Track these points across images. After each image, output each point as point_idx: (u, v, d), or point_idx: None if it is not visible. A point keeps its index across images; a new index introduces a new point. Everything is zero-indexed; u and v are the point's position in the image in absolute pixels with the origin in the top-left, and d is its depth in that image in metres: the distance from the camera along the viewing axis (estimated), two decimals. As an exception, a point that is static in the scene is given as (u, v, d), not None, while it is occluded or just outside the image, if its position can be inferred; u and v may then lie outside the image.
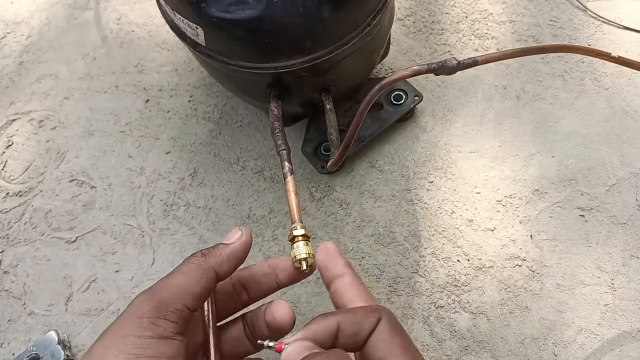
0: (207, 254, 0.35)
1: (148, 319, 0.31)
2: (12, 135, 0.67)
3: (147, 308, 0.31)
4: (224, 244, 0.36)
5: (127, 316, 0.31)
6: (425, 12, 0.68)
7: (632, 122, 0.59)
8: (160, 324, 0.31)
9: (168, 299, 0.32)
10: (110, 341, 0.30)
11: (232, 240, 0.37)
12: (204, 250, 0.36)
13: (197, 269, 0.34)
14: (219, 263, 0.35)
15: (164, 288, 0.33)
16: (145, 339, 0.30)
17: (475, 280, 0.53)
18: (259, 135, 0.63)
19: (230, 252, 0.36)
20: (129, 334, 0.30)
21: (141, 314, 0.31)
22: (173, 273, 0.34)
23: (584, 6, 0.66)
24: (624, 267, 0.52)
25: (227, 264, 0.36)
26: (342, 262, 0.36)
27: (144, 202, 0.61)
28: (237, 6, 0.41)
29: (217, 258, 0.35)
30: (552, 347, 0.50)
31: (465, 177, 0.58)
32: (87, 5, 0.76)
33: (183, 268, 0.34)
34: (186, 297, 0.33)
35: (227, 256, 0.36)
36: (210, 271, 0.35)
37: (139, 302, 0.32)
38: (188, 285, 0.33)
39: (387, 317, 0.32)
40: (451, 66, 0.37)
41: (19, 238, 0.61)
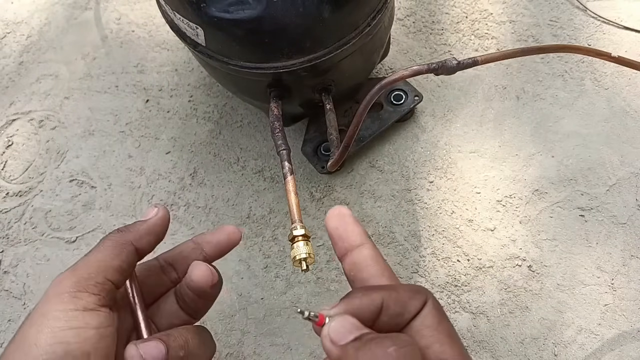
0: (124, 230, 0.35)
1: (69, 293, 0.31)
2: (12, 135, 0.67)
3: (68, 284, 0.31)
4: (142, 221, 0.37)
5: (47, 296, 0.31)
6: (425, 12, 0.68)
7: (632, 122, 0.59)
8: (82, 297, 0.31)
9: (88, 274, 0.32)
10: (32, 320, 0.30)
11: (150, 216, 0.37)
12: (120, 227, 0.36)
13: (115, 244, 0.34)
14: (137, 237, 0.35)
15: (82, 265, 0.32)
16: (68, 311, 0.30)
17: (475, 280, 0.53)
18: (259, 135, 0.63)
19: (147, 226, 0.36)
20: (50, 310, 0.30)
21: (61, 290, 0.31)
22: (91, 251, 0.34)
23: (584, 6, 0.66)
24: (624, 267, 0.52)
25: (146, 238, 0.36)
26: (360, 230, 0.31)
27: (144, 202, 0.61)
28: (237, 6, 0.41)
29: (135, 233, 0.35)
30: (552, 347, 0.50)
31: (465, 177, 0.58)
32: (87, 5, 0.76)
33: (100, 245, 0.34)
34: (107, 270, 0.33)
35: (146, 230, 0.36)
36: (129, 245, 0.35)
37: (58, 281, 0.32)
38: (107, 260, 0.33)
39: (433, 300, 0.28)
40: (451, 66, 0.36)
41: (19, 238, 0.61)
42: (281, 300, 0.54)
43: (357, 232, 0.31)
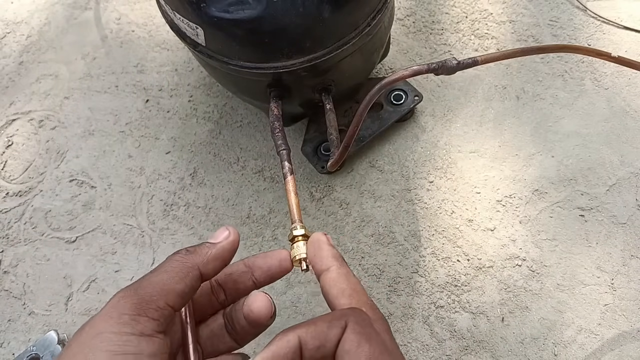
0: (192, 252, 0.33)
1: (129, 316, 0.29)
2: (12, 135, 0.67)
3: (128, 305, 0.30)
4: (211, 243, 0.35)
5: (105, 313, 0.30)
6: (425, 12, 0.68)
7: (632, 122, 0.59)
8: (140, 321, 0.30)
9: (150, 296, 0.30)
10: (85, 339, 0.29)
11: (219, 239, 0.35)
12: (189, 247, 0.34)
13: (181, 266, 0.32)
14: (205, 262, 0.33)
15: (146, 285, 0.31)
16: (123, 335, 0.29)
17: (475, 280, 0.53)
18: (259, 135, 0.63)
19: (216, 251, 0.34)
20: (104, 331, 0.29)
21: (121, 311, 0.29)
22: (156, 270, 0.32)
23: (584, 6, 0.66)
24: (624, 267, 0.52)
25: (212, 263, 0.34)
26: (327, 254, 0.34)
27: (144, 202, 0.61)
28: (237, 6, 0.41)
29: (202, 257, 0.33)
30: (552, 347, 0.50)
31: (465, 177, 0.58)
32: (87, 5, 0.76)
33: (166, 265, 0.32)
34: (169, 295, 0.31)
35: (214, 255, 0.34)
36: (195, 270, 0.33)
37: (118, 299, 0.30)
38: (171, 283, 0.32)
39: (354, 323, 0.29)
40: (451, 66, 0.36)
41: (19, 238, 0.61)
42: (281, 300, 0.54)
43: (325, 256, 0.34)
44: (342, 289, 0.32)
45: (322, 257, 0.34)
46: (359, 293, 0.33)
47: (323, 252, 0.34)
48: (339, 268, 0.33)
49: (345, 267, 0.34)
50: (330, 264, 0.34)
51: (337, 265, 0.34)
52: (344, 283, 0.33)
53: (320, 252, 0.34)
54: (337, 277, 0.33)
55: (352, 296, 0.32)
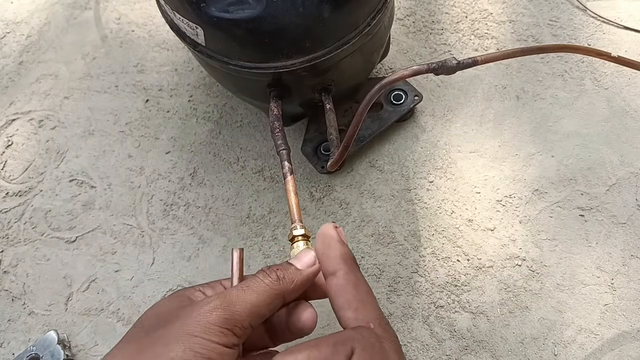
0: (282, 279, 0.34)
1: (219, 327, 0.31)
2: (12, 135, 0.67)
3: (219, 317, 0.31)
4: (297, 269, 0.35)
5: (197, 317, 0.31)
6: (425, 12, 0.68)
7: (632, 122, 0.59)
8: (227, 335, 0.31)
9: (239, 315, 0.32)
10: (179, 335, 0.31)
11: (305, 266, 0.35)
12: (278, 270, 0.34)
13: (270, 292, 0.33)
14: (289, 291, 0.34)
15: (237, 302, 0.32)
16: (212, 343, 0.31)
17: (475, 280, 0.53)
18: (259, 135, 0.63)
19: (302, 280, 0.34)
20: (198, 335, 0.31)
21: (212, 320, 0.31)
22: (248, 288, 0.33)
23: (584, 6, 0.66)
24: (623, 267, 0.52)
25: (295, 293, 0.34)
26: (336, 254, 0.33)
27: (144, 202, 0.61)
28: (237, 6, 0.41)
29: (288, 285, 0.34)
30: (552, 346, 0.50)
31: (465, 177, 0.58)
32: (87, 5, 0.76)
33: (257, 286, 0.33)
34: (254, 317, 0.33)
35: (299, 285, 0.34)
36: (280, 298, 0.34)
37: (210, 308, 0.32)
38: (259, 307, 0.33)
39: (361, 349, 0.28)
40: (451, 66, 0.36)
41: (18, 238, 0.61)
42: (281, 300, 0.54)
43: (334, 256, 0.32)
44: (348, 300, 0.31)
45: (329, 256, 0.33)
46: (367, 305, 0.31)
47: (331, 252, 0.33)
48: (346, 273, 0.32)
49: (354, 272, 0.32)
50: (338, 268, 0.32)
51: (345, 269, 0.32)
52: (351, 292, 0.31)
53: (329, 251, 0.33)
54: (345, 284, 0.32)
55: (358, 310, 0.31)
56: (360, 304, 0.31)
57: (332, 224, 0.35)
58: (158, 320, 0.33)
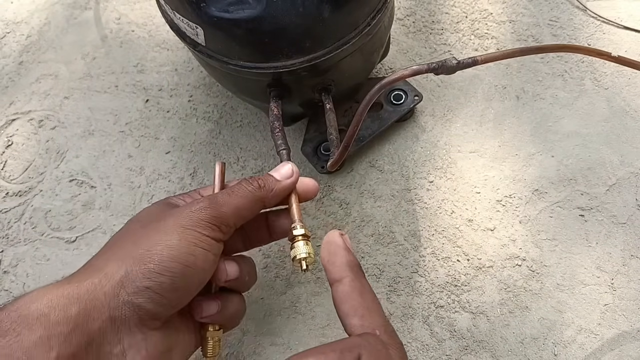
0: (262, 187, 0.39)
1: (208, 223, 0.36)
2: (12, 135, 0.67)
3: (209, 214, 0.36)
4: (276, 180, 0.40)
5: (189, 214, 0.36)
6: (425, 12, 0.68)
7: (632, 122, 0.59)
8: (215, 229, 0.37)
9: (226, 214, 0.37)
10: (174, 227, 0.36)
11: (284, 177, 0.40)
12: (258, 178, 0.40)
13: (252, 197, 0.38)
14: (269, 197, 0.39)
15: (224, 203, 0.37)
16: (203, 235, 0.36)
17: (475, 280, 0.53)
18: (259, 135, 0.63)
19: (280, 189, 0.40)
20: (190, 227, 0.36)
21: (203, 217, 0.36)
22: (233, 193, 0.38)
23: (584, 6, 0.66)
24: (623, 267, 0.52)
25: (274, 200, 0.40)
26: (342, 262, 0.33)
27: (144, 202, 0.61)
28: (237, 6, 0.41)
29: (268, 192, 0.39)
30: (551, 347, 0.50)
31: (465, 177, 0.58)
32: (87, 5, 0.76)
33: (240, 191, 0.39)
34: (238, 217, 0.38)
35: (277, 193, 0.40)
36: (261, 202, 0.39)
37: (201, 207, 0.37)
38: (243, 209, 0.38)
39: (368, 356, 0.27)
40: (451, 66, 0.36)
41: (18, 238, 0.61)
42: (281, 300, 0.54)
43: (340, 263, 0.33)
44: (354, 307, 0.31)
45: (335, 264, 0.33)
46: (373, 313, 0.31)
47: (337, 259, 0.33)
48: (352, 280, 0.32)
49: (360, 279, 0.33)
50: (344, 275, 0.32)
51: (351, 276, 0.32)
52: (356, 299, 0.31)
53: (335, 259, 0.33)
54: (350, 291, 0.32)
55: (364, 317, 0.31)
56: (366, 311, 0.31)
57: (338, 232, 0.35)
58: (151, 217, 0.38)
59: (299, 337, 0.52)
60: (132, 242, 0.36)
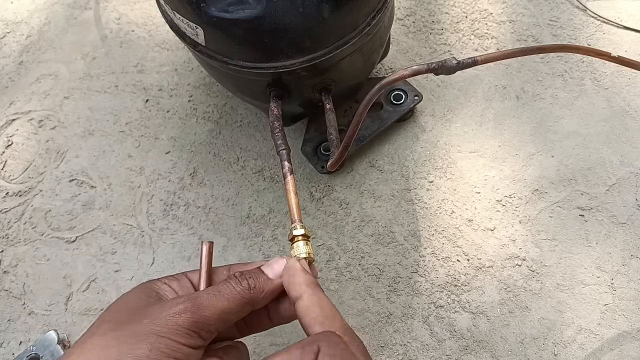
0: (252, 288, 0.35)
1: (187, 330, 0.32)
2: (12, 135, 0.67)
3: (188, 320, 0.33)
4: (268, 278, 0.36)
5: (166, 317, 0.33)
6: (425, 12, 0.68)
7: (632, 121, 0.59)
8: (194, 336, 0.33)
9: (208, 319, 0.33)
10: (147, 333, 0.32)
11: (276, 275, 0.37)
12: (250, 278, 0.36)
13: (240, 300, 0.35)
14: (259, 300, 0.36)
15: (207, 306, 0.34)
16: (178, 344, 0.32)
17: (475, 280, 0.53)
18: (259, 135, 0.63)
19: (272, 290, 0.36)
20: (165, 335, 0.32)
21: (181, 322, 0.32)
22: (219, 294, 0.34)
23: (584, 6, 0.66)
24: (623, 266, 0.52)
25: (264, 301, 0.36)
26: (300, 281, 0.35)
27: (144, 202, 0.61)
28: (237, 6, 0.41)
29: (258, 294, 0.36)
30: (551, 346, 0.50)
31: (465, 176, 0.58)
32: (87, 5, 0.76)
33: (229, 293, 0.35)
34: (221, 322, 0.34)
35: (269, 294, 0.36)
36: (250, 305, 0.35)
37: (180, 310, 0.33)
38: (228, 313, 0.34)
39: (326, 346, 0.31)
40: (451, 66, 0.36)
41: (18, 238, 0.61)
42: (281, 300, 0.54)
43: (298, 283, 0.35)
44: (314, 317, 0.34)
45: (294, 284, 0.35)
46: (331, 319, 0.34)
47: (296, 279, 0.35)
48: (311, 295, 0.35)
49: (317, 294, 0.35)
50: (303, 291, 0.35)
51: (309, 292, 0.35)
52: (315, 310, 0.34)
53: (293, 279, 0.36)
54: (310, 304, 0.34)
55: (324, 323, 0.33)
56: (325, 319, 0.34)
57: (295, 258, 0.37)
58: (124, 316, 0.34)
59: (299, 337, 0.52)
60: (100, 348, 0.32)
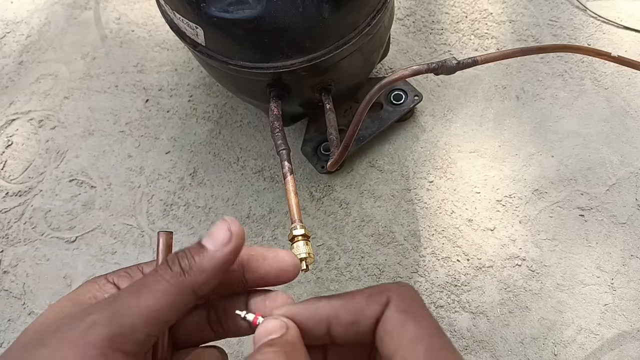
0: (187, 270, 0.26)
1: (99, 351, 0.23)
2: (12, 135, 0.67)
3: (100, 336, 0.23)
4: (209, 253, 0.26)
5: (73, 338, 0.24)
6: (425, 12, 0.68)
7: (632, 121, 0.59)
8: (112, 356, 0.24)
9: (130, 327, 0.24)
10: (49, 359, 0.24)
11: (219, 245, 0.26)
12: (182, 259, 0.26)
13: (173, 290, 0.25)
14: (201, 283, 0.26)
15: (126, 310, 0.24)
16: None
17: (475, 280, 0.53)
18: (259, 135, 0.63)
19: (216, 266, 0.26)
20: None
21: (91, 341, 0.23)
22: (143, 288, 0.25)
23: (584, 6, 0.66)
24: (623, 266, 0.52)
25: (210, 283, 0.26)
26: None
27: (144, 202, 0.61)
28: (237, 6, 0.41)
29: (198, 275, 0.26)
30: (551, 346, 0.50)
31: (465, 176, 0.58)
32: (87, 5, 0.76)
33: (155, 285, 0.25)
34: (154, 325, 0.25)
35: (213, 272, 0.26)
36: (189, 293, 0.25)
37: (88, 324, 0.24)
38: (158, 312, 0.25)
39: (397, 301, 0.24)
40: (451, 66, 0.36)
41: (18, 238, 0.61)
42: (281, 300, 0.54)
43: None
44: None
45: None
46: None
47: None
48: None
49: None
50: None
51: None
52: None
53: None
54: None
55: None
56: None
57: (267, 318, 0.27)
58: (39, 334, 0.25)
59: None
60: None
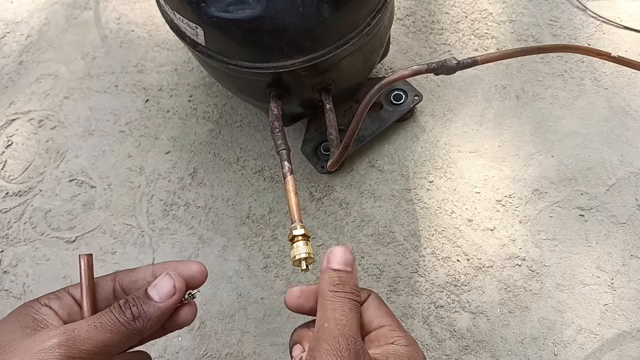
0: (137, 317, 0.32)
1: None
2: (12, 135, 0.67)
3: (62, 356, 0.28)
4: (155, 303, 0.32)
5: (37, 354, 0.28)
6: (425, 12, 0.68)
7: (632, 121, 0.59)
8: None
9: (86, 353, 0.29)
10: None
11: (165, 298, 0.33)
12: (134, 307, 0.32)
13: (125, 331, 0.31)
14: (146, 329, 0.32)
15: (85, 339, 0.30)
16: None
17: (475, 280, 0.53)
18: (259, 135, 0.63)
19: (160, 315, 0.33)
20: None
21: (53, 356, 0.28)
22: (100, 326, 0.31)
23: (584, 6, 0.66)
24: (623, 266, 0.52)
25: (152, 328, 0.33)
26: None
27: (144, 202, 0.61)
28: (237, 6, 0.41)
29: (145, 322, 0.32)
30: (551, 346, 0.50)
31: (465, 176, 0.58)
32: (86, 5, 0.76)
33: (111, 325, 0.31)
34: (103, 356, 0.31)
35: (157, 320, 0.33)
36: (136, 336, 0.32)
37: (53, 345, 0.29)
38: (110, 346, 0.31)
39: (375, 294, 0.36)
40: (451, 66, 0.36)
41: (18, 238, 0.61)
42: (281, 300, 0.54)
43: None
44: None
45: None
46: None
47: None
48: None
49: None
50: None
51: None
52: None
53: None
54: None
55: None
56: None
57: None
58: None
59: (299, 337, 0.52)
60: None
